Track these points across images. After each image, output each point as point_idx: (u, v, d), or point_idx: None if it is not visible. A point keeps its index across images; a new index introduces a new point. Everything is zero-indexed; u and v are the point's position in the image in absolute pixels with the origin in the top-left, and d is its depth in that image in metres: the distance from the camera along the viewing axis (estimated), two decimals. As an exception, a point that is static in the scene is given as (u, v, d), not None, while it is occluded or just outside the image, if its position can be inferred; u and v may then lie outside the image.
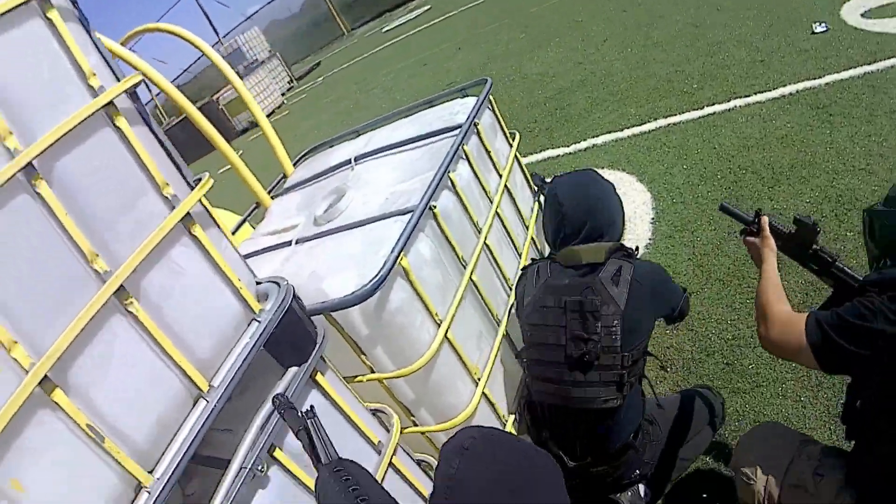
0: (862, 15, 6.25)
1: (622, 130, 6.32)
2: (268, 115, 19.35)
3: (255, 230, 3.50)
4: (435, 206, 2.41)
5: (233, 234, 3.51)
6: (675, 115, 6.06)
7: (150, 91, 25.16)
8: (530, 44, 10.75)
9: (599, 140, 6.37)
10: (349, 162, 3.22)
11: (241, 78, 19.55)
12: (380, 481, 2.01)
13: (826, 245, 2.65)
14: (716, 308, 3.70)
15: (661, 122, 6.11)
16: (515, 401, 2.79)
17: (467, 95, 3.41)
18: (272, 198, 3.60)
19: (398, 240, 2.16)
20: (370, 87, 14.50)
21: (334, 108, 14.77)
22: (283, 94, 21.87)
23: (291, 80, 23.39)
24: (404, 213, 2.36)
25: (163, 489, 1.49)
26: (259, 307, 1.86)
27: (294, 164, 3.87)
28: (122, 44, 3.42)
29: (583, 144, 6.46)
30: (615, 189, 2.68)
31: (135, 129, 1.62)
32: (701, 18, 8.13)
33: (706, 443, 2.88)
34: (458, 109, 3.15)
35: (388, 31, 22.09)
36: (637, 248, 2.64)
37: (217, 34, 29.06)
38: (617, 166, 5.73)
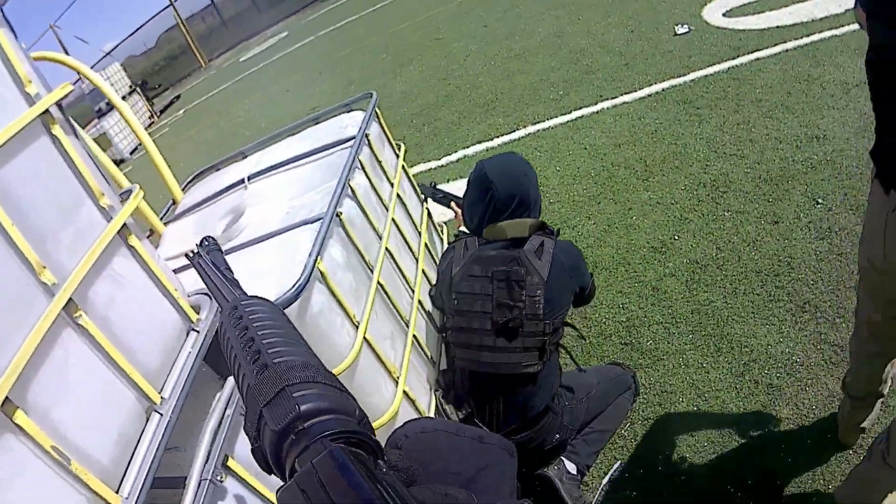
0: (724, 14, 6.69)
1: (492, 140, 6.54)
2: (131, 152, 18.99)
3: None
4: (341, 213, 2.49)
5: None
6: (544, 120, 6.33)
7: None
8: (392, 63, 10.92)
9: (470, 150, 6.58)
10: (242, 181, 3.25)
11: (104, 115, 19.11)
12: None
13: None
14: (606, 294, 3.91)
15: (531, 128, 6.36)
16: (430, 395, 2.88)
17: (353, 110, 3.50)
18: (165, 224, 3.58)
19: (313, 245, 2.22)
20: (234, 118, 14.32)
21: (198, 139, 14.52)
22: (146, 128, 21.33)
23: (152, 116, 22.86)
24: (314, 221, 2.42)
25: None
26: (196, 317, 1.89)
27: (182, 189, 3.86)
28: None
29: (454, 156, 6.65)
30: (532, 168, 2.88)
31: (68, 139, 1.60)
32: (562, 28, 8.46)
33: (624, 413, 3.08)
34: (347, 123, 3.23)
35: (245, 60, 21.87)
36: (558, 230, 2.85)
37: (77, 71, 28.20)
38: (490, 174, 5.89)
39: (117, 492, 1.44)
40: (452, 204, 3.69)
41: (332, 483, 0.68)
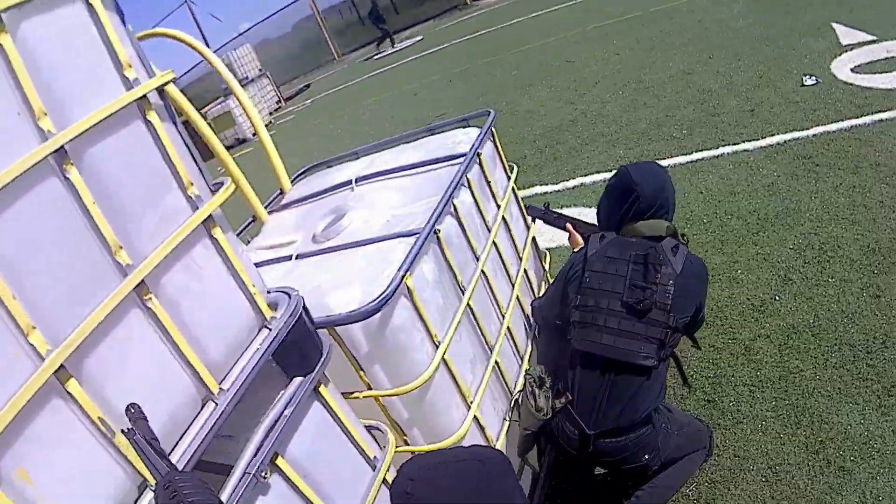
0: (852, 70, 6.39)
1: (610, 171, 6.32)
2: (254, 134, 19.41)
3: (248, 244, 3.50)
4: (439, 231, 2.46)
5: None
6: (664, 158, 6.14)
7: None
8: (522, 81, 10.83)
9: (588, 179, 6.44)
10: (350, 182, 3.25)
11: (230, 95, 19.61)
12: (373, 498, 2.02)
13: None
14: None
15: (650, 164, 6.16)
16: (501, 423, 2.81)
17: (469, 126, 3.46)
18: (269, 213, 3.61)
19: (405, 260, 2.20)
20: (359, 114, 14.53)
21: (321, 132, 14.78)
22: (270, 114, 21.82)
23: (280, 101, 23.39)
24: (409, 235, 2.40)
25: (168, 490, 1.48)
26: (271, 314, 1.88)
27: (292, 182, 3.89)
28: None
29: (571, 183, 6.52)
30: None
31: (164, 124, 1.62)
32: (692, 66, 8.25)
33: (693, 470, 2.97)
34: (461, 139, 3.20)
35: (379, 58, 22.20)
36: (686, 238, 2.87)
37: (209, 47, 29.08)
38: (604, 206, 5.78)
39: None
40: (568, 225, 3.60)
41: None
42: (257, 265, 2.86)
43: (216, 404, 1.66)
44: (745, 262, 4.33)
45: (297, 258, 2.75)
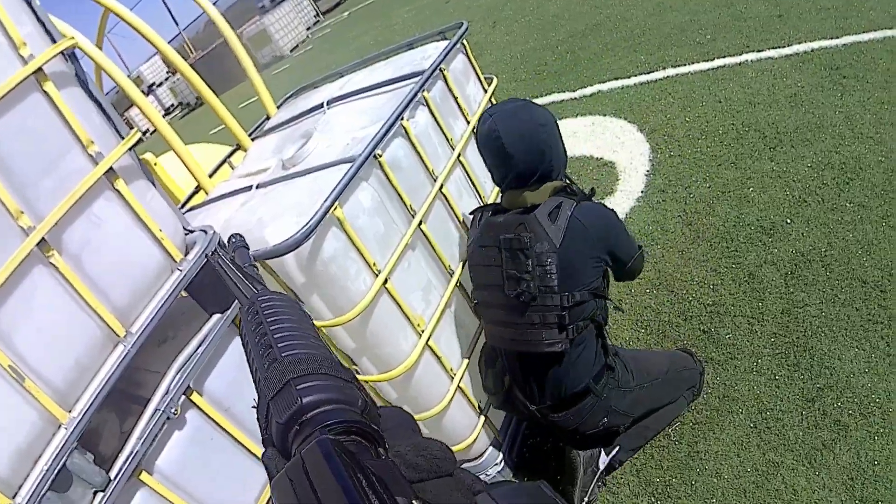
0: (892, -26, 6.04)
1: (629, 78, 6.21)
2: (291, 50, 19.36)
3: (232, 171, 3.50)
4: (381, 155, 2.39)
5: (210, 175, 3.50)
6: (685, 65, 5.93)
7: (177, 26, 25.19)
8: (550, -17, 10.54)
9: (605, 87, 6.28)
10: (321, 106, 3.19)
11: (267, 12, 19.54)
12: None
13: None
14: (699, 270, 3.66)
15: (670, 71, 5.98)
16: (469, 350, 2.78)
17: (445, 38, 3.34)
18: (253, 139, 3.59)
19: (332, 189, 2.15)
20: (392, 24, 14.42)
21: (356, 44, 14.70)
22: (307, 29, 21.66)
23: (317, 15, 23.17)
24: (348, 162, 2.34)
25: (77, 425, 1.58)
26: (180, 256, 1.88)
27: (278, 106, 3.85)
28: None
29: (588, 90, 6.37)
30: (555, 120, 2.56)
31: (67, 90, 1.70)
32: (724, -35, 7.91)
33: (678, 413, 2.88)
34: (431, 54, 3.08)
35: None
36: (593, 190, 2.61)
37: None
38: (619, 114, 5.65)
39: (70, 411, 1.61)
40: None
41: (315, 472, 0.70)
42: (224, 196, 2.88)
43: (124, 347, 1.74)
44: (758, 180, 4.12)
45: (257, 188, 2.72)
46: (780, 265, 3.47)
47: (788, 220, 3.71)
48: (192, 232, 2.00)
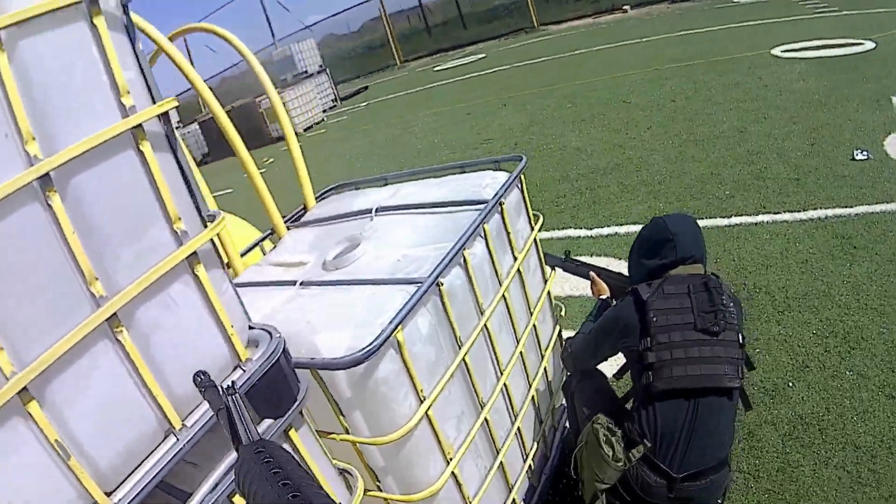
0: (905, 148, 6.27)
1: (647, 224, 6.30)
2: (305, 129, 19.55)
3: (264, 256, 3.48)
4: (442, 284, 2.40)
5: (242, 255, 3.50)
6: (703, 218, 6.07)
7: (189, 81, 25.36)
8: (575, 116, 10.83)
9: (622, 230, 6.40)
10: (370, 211, 3.21)
11: (288, 87, 19.76)
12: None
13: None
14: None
15: (688, 222, 6.08)
16: (482, 482, 2.75)
17: (501, 168, 3.39)
18: (288, 228, 3.59)
19: (398, 312, 2.15)
20: (410, 125, 14.63)
21: (370, 137, 14.89)
22: (324, 111, 21.92)
23: (336, 99, 23.53)
24: (411, 283, 2.35)
25: (115, 512, 1.49)
26: (246, 355, 1.85)
27: (318, 199, 3.86)
28: (170, 39, 3.38)
29: (605, 230, 6.50)
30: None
31: (159, 154, 1.58)
32: (745, 124, 8.17)
33: None
34: (488, 183, 3.12)
35: (439, 70, 22.29)
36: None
37: (273, 37, 29.52)
38: (634, 260, 5.71)
39: (109, 495, 1.50)
40: (592, 274, 3.64)
41: None
42: (262, 284, 2.87)
43: (177, 439, 1.66)
44: (764, 342, 4.24)
45: (300, 286, 2.71)
46: (779, 426, 3.60)
47: (790, 384, 3.87)
48: (252, 328, 1.97)
